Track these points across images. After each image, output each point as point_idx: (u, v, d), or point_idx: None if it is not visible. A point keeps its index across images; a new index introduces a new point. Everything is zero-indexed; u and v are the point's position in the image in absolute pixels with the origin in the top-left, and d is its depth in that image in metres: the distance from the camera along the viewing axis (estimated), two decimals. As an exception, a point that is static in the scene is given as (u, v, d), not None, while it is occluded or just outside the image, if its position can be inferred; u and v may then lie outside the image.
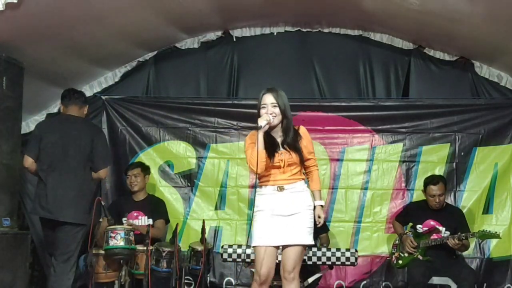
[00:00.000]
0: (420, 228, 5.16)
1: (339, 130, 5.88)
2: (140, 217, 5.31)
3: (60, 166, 4.36)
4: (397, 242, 5.28)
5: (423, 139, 5.80)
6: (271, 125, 3.66)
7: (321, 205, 3.70)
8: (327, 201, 5.78)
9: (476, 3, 4.60)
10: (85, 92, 5.90)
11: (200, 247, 4.66)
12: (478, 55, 5.74)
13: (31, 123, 5.65)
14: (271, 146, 3.63)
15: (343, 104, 5.91)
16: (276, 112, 3.66)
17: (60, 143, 4.39)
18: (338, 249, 4.78)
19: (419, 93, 5.93)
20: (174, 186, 5.90)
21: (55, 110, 5.76)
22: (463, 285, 4.79)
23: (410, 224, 5.29)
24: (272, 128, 3.69)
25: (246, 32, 6.05)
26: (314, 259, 4.71)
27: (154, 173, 5.76)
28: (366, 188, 5.78)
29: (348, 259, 4.71)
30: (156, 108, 5.97)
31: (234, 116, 5.92)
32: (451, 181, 5.60)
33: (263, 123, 3.59)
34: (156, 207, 5.40)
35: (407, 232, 5.23)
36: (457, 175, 5.70)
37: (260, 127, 3.56)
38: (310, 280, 4.81)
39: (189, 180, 5.90)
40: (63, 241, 4.32)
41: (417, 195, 5.61)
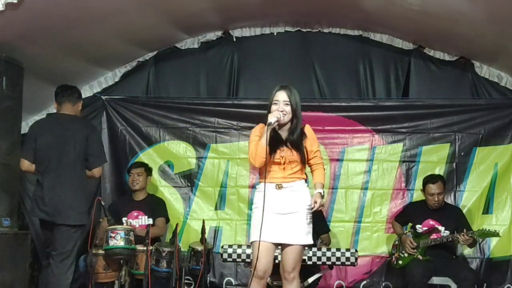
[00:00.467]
0: (419, 228, 5.16)
1: (339, 130, 5.88)
2: (140, 217, 5.32)
3: (56, 167, 4.34)
4: (397, 242, 5.28)
5: (423, 139, 5.80)
6: (280, 123, 3.63)
7: (319, 193, 3.63)
8: (327, 201, 5.79)
9: (476, 3, 4.60)
10: (85, 92, 5.94)
11: (200, 247, 4.66)
12: (478, 55, 5.74)
13: (31, 123, 5.62)
14: (275, 142, 3.60)
15: (343, 104, 5.91)
16: (287, 110, 3.64)
17: (55, 143, 4.36)
18: (338, 249, 4.78)
19: (419, 93, 5.93)
20: (174, 186, 5.90)
21: (55, 110, 5.75)
22: (463, 285, 4.79)
23: (410, 224, 5.29)
24: (281, 125, 3.66)
25: (246, 32, 6.05)
26: (314, 259, 4.71)
27: (154, 173, 5.75)
28: (366, 188, 5.79)
29: (348, 259, 4.71)
30: (156, 108, 5.97)
31: (234, 116, 5.92)
32: (451, 181, 5.60)
33: (273, 119, 3.55)
34: (156, 206, 5.41)
35: (406, 233, 5.23)
36: (457, 175, 5.70)
37: (270, 123, 3.53)
38: (310, 280, 4.81)
39: (189, 180, 5.91)
40: (61, 241, 4.31)
41: (417, 195, 5.62)
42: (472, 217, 5.52)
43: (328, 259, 4.72)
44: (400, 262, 5.13)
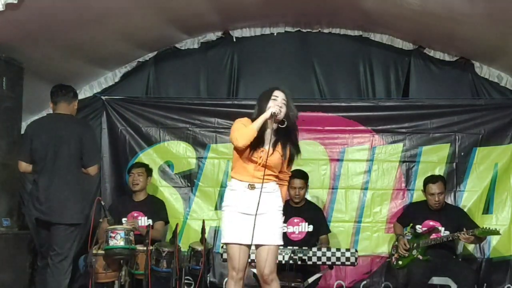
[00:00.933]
0: (419, 228, 5.16)
1: (339, 130, 5.88)
2: (140, 218, 5.32)
3: (51, 167, 4.34)
4: (396, 243, 5.28)
5: (423, 139, 5.80)
6: (275, 119, 3.54)
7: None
8: (327, 201, 5.80)
9: (476, 3, 4.60)
10: (85, 92, 5.95)
11: (200, 247, 4.66)
12: (478, 55, 5.74)
13: (31, 123, 5.66)
14: (258, 140, 3.51)
15: (343, 104, 5.91)
16: (283, 110, 3.56)
17: (50, 144, 4.36)
18: (338, 249, 4.78)
19: (419, 94, 5.93)
20: (174, 186, 5.90)
21: (51, 109, 5.76)
22: (463, 285, 4.79)
23: (411, 224, 5.29)
24: (271, 122, 3.56)
25: (246, 33, 6.05)
26: (314, 259, 4.71)
27: (154, 173, 5.74)
28: (366, 188, 5.79)
29: (348, 259, 4.71)
30: (156, 108, 5.97)
31: (234, 116, 5.76)
32: (451, 181, 5.60)
33: (274, 110, 3.48)
34: (156, 208, 5.40)
35: (406, 233, 5.23)
36: (457, 175, 5.70)
37: (274, 113, 3.46)
38: (310, 280, 4.81)
39: (189, 180, 5.91)
40: (58, 241, 4.30)
41: (417, 195, 5.62)
42: (472, 217, 5.48)
43: (328, 259, 4.71)
44: (400, 262, 5.13)
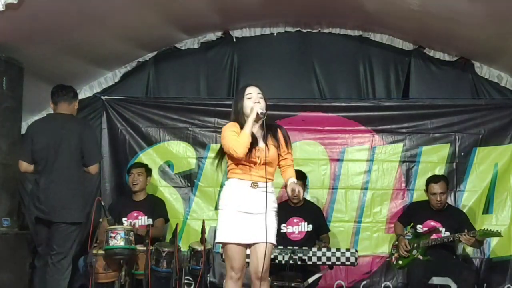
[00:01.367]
0: (420, 228, 5.16)
1: (339, 130, 5.88)
2: (140, 217, 5.32)
3: (52, 166, 4.35)
4: (396, 243, 5.27)
5: (423, 139, 5.80)
6: (257, 118, 3.52)
7: (293, 182, 3.56)
8: (327, 201, 5.80)
9: (476, 3, 4.60)
10: (85, 92, 5.95)
11: (200, 247, 4.66)
12: (478, 55, 5.74)
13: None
14: (252, 140, 3.50)
15: (343, 104, 5.91)
16: (262, 104, 3.54)
17: (51, 143, 4.37)
18: (338, 249, 4.78)
19: (419, 94, 5.94)
20: (174, 186, 5.90)
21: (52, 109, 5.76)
22: (463, 285, 4.78)
23: (411, 224, 5.29)
24: (256, 120, 3.55)
25: (246, 33, 6.05)
26: (314, 259, 4.70)
27: (154, 173, 5.75)
28: (366, 188, 5.79)
29: (348, 259, 4.70)
30: (156, 108, 5.97)
31: (234, 116, 5.91)
32: (451, 181, 5.59)
33: (260, 110, 3.46)
34: (155, 206, 5.40)
35: (407, 233, 5.22)
36: (457, 175, 5.70)
37: (263, 113, 3.45)
38: (310, 280, 4.81)
39: (189, 180, 5.91)
40: (58, 240, 4.31)
41: (417, 195, 5.62)
42: (472, 217, 5.50)
43: (328, 259, 4.71)
44: (400, 262, 5.13)
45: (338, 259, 4.70)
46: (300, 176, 5.20)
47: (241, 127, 3.53)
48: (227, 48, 6.08)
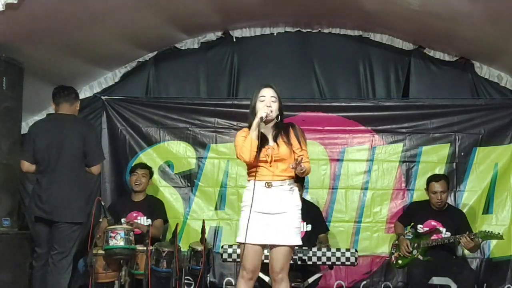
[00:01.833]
0: (420, 228, 5.16)
1: (339, 130, 5.88)
2: (139, 218, 5.32)
3: (54, 166, 4.36)
4: (396, 242, 5.28)
5: (423, 139, 5.80)
6: (267, 119, 3.57)
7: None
8: (327, 201, 5.79)
9: (476, 3, 4.61)
10: (85, 92, 5.95)
11: (200, 247, 4.66)
12: (478, 55, 5.74)
13: (31, 123, 5.62)
14: (260, 141, 3.53)
15: (343, 104, 5.91)
16: (274, 106, 3.59)
17: (53, 144, 4.38)
18: (338, 249, 4.77)
19: (419, 94, 5.94)
20: (174, 186, 5.90)
21: (53, 110, 5.76)
22: (463, 285, 4.78)
23: (412, 224, 5.29)
24: (266, 122, 3.60)
25: (246, 33, 6.05)
26: (314, 259, 4.70)
27: (154, 173, 5.75)
28: (366, 188, 5.79)
29: (348, 259, 4.70)
30: (156, 108, 5.97)
31: (234, 116, 5.92)
32: (451, 181, 5.58)
33: (263, 114, 3.52)
34: (154, 207, 5.41)
35: (407, 233, 5.22)
36: (457, 175, 5.70)
37: (262, 117, 3.49)
38: (310, 280, 4.80)
39: (189, 180, 5.91)
40: (59, 240, 4.32)
41: (417, 195, 5.63)
42: (472, 217, 5.52)
43: (328, 259, 4.71)
44: (400, 262, 5.13)
45: (338, 259, 4.70)
46: (298, 177, 5.20)
47: None
48: (227, 48, 6.08)
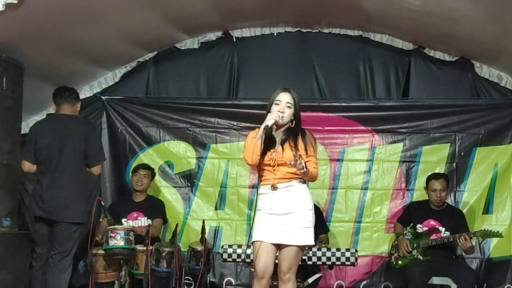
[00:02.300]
0: (420, 227, 5.16)
1: (339, 130, 5.87)
2: (139, 218, 5.33)
3: (56, 166, 4.36)
4: (396, 242, 5.28)
5: (423, 139, 5.80)
6: (278, 124, 3.59)
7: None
8: (327, 201, 5.79)
9: (476, 3, 4.60)
10: (85, 92, 5.95)
11: (200, 247, 4.66)
12: (478, 55, 5.74)
13: (31, 123, 5.61)
14: (267, 144, 3.56)
15: (343, 104, 5.91)
16: (287, 112, 3.59)
17: (55, 144, 4.39)
18: (338, 249, 4.78)
19: (419, 94, 5.93)
20: (174, 186, 5.90)
21: (54, 110, 5.77)
22: (463, 285, 4.79)
23: (411, 224, 5.29)
24: (278, 127, 3.62)
25: (246, 33, 6.05)
26: (314, 259, 4.71)
27: (154, 173, 5.76)
28: (366, 188, 5.78)
29: (348, 259, 4.70)
30: (156, 109, 5.97)
31: (234, 116, 5.92)
32: (451, 181, 5.58)
33: (270, 122, 3.52)
34: (155, 207, 5.41)
35: (406, 233, 5.22)
36: (457, 175, 5.70)
37: (267, 126, 3.50)
38: (310, 280, 4.81)
39: (189, 180, 5.91)
40: (60, 240, 4.32)
41: (417, 195, 5.62)
42: (472, 217, 5.52)
43: (328, 259, 4.71)
44: (400, 262, 5.13)
45: (338, 259, 4.71)
46: None
47: None
48: (227, 48, 6.08)
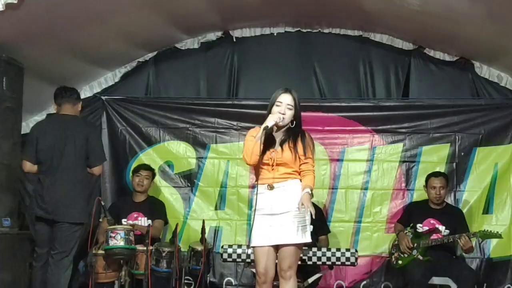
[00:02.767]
0: (420, 227, 5.16)
1: (339, 130, 5.88)
2: (140, 218, 5.32)
3: (57, 167, 4.37)
4: (396, 242, 5.27)
5: (423, 139, 5.80)
6: (278, 125, 3.59)
7: (307, 193, 3.50)
8: (327, 201, 5.80)
9: (476, 3, 4.61)
10: (85, 92, 5.95)
11: (200, 247, 4.66)
12: (478, 55, 5.74)
13: (31, 123, 5.62)
14: (267, 143, 3.56)
15: (343, 104, 5.91)
16: (288, 114, 3.59)
17: (56, 144, 4.39)
18: (338, 249, 4.78)
19: (419, 94, 5.94)
20: (174, 186, 5.90)
21: (55, 110, 5.77)
22: (463, 285, 4.79)
23: (411, 224, 5.29)
24: (278, 127, 3.62)
25: (246, 33, 6.05)
26: (314, 259, 4.71)
27: (154, 173, 5.76)
28: (366, 188, 5.78)
29: (348, 259, 4.70)
30: (156, 109, 5.97)
31: (234, 116, 5.92)
32: (451, 181, 5.59)
33: (270, 123, 3.52)
34: (155, 208, 5.41)
35: (406, 233, 5.22)
36: (457, 175, 5.70)
37: (266, 127, 3.50)
38: (310, 280, 4.81)
39: (189, 180, 5.91)
40: (61, 240, 4.32)
41: (417, 195, 5.63)
42: (472, 217, 5.52)
43: (328, 259, 4.71)
44: (400, 262, 5.13)
45: (338, 259, 4.71)
46: None
47: None
48: (227, 48, 6.08)
